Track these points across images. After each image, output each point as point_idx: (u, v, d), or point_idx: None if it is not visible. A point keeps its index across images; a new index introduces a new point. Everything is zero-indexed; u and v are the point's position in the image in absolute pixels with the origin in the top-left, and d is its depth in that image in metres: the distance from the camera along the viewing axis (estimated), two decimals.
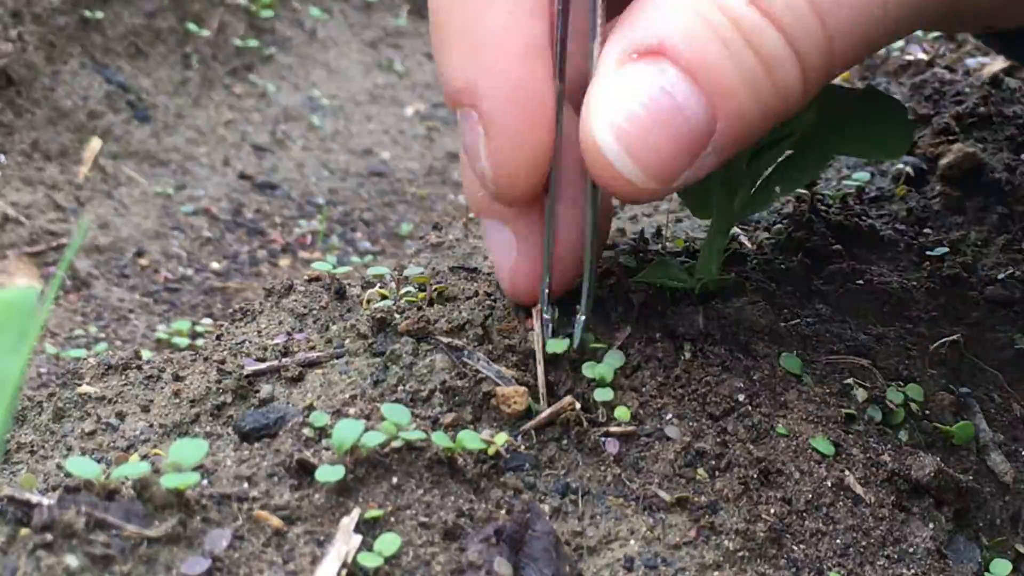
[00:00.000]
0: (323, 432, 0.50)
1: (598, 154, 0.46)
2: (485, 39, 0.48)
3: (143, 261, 1.41)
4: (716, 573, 0.48)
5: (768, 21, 0.45)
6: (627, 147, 0.46)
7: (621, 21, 0.48)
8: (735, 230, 0.76)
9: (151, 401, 0.58)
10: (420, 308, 0.59)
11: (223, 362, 0.59)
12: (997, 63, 0.99)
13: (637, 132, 0.46)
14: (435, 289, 0.60)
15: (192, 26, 1.84)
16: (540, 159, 0.50)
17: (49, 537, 0.42)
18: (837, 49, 0.46)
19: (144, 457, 0.54)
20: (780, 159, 0.62)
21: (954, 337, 0.65)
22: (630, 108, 0.45)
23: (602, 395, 0.53)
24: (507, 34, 0.48)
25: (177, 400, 0.57)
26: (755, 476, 0.52)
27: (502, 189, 0.51)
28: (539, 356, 0.54)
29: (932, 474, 0.55)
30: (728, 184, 0.60)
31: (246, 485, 0.46)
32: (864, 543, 0.52)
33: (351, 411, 0.51)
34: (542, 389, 0.53)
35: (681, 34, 0.45)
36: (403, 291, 0.61)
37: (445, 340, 0.56)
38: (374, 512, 0.46)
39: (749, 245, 0.74)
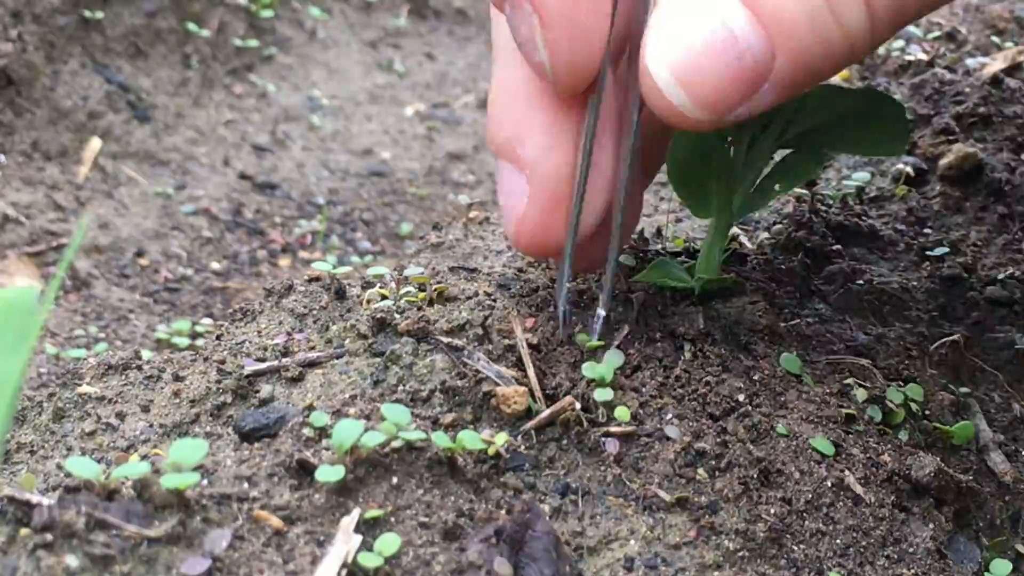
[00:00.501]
0: (323, 432, 0.50)
1: (651, 83, 0.47)
2: None
3: (143, 261, 1.41)
4: (716, 573, 0.48)
5: None
6: (680, 75, 0.46)
7: None
8: (735, 230, 0.76)
9: (151, 401, 0.58)
10: (420, 308, 0.59)
11: (223, 362, 0.59)
12: (997, 63, 0.99)
13: (691, 61, 0.46)
14: (435, 289, 0.60)
15: (192, 26, 1.84)
16: (598, 45, 0.49)
17: (49, 537, 0.42)
18: None
19: (144, 457, 0.54)
20: (780, 158, 0.62)
21: (954, 337, 0.65)
22: (687, 37, 0.46)
23: (602, 395, 0.53)
24: None
25: (177, 400, 0.57)
26: (755, 476, 0.52)
27: (560, 76, 0.50)
28: (524, 351, 0.54)
29: (932, 474, 0.55)
30: (727, 183, 0.60)
31: (246, 485, 0.46)
32: (864, 543, 0.52)
33: (351, 411, 0.51)
34: (533, 382, 0.53)
35: None
36: (403, 291, 0.61)
37: (445, 340, 0.56)
38: (374, 512, 0.46)
39: (749, 245, 0.74)
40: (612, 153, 0.53)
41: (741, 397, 0.55)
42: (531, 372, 0.54)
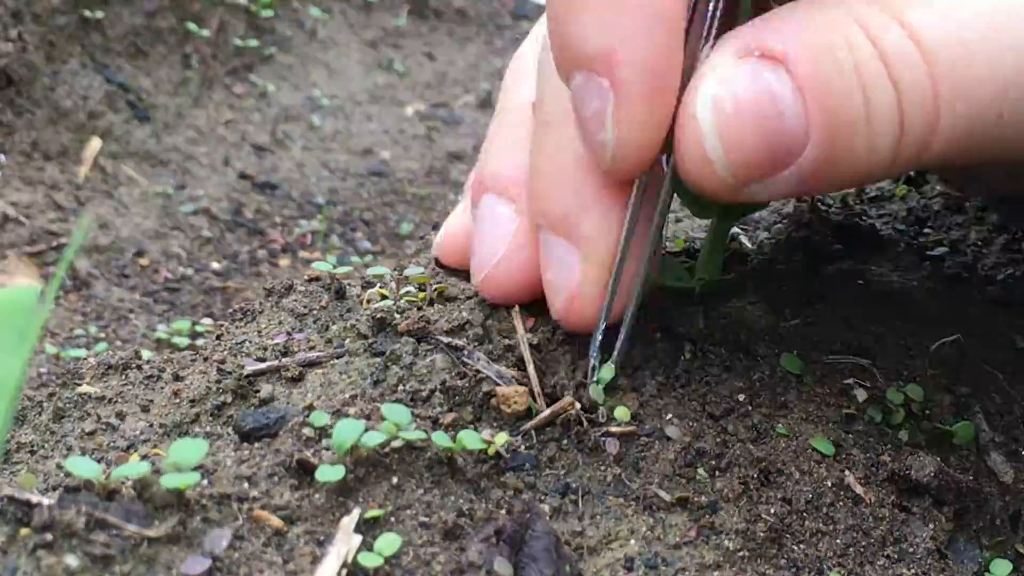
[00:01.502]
0: (323, 432, 0.50)
1: (693, 127, 0.47)
2: (628, 4, 0.47)
3: (143, 261, 1.42)
4: (716, 573, 0.48)
5: (885, 69, 0.46)
6: (721, 127, 0.46)
7: (747, 24, 0.48)
8: (735, 230, 0.76)
9: (151, 401, 0.58)
10: (420, 308, 0.59)
11: (223, 362, 0.59)
12: None
13: (734, 117, 0.46)
14: (435, 289, 0.60)
15: (192, 26, 1.84)
16: (661, 133, 0.49)
17: (49, 537, 0.42)
18: (942, 129, 0.47)
19: (144, 457, 0.54)
20: None
21: (954, 337, 0.65)
22: (737, 92, 0.46)
23: (602, 395, 0.53)
24: (651, 3, 0.47)
25: (177, 400, 0.57)
26: (755, 476, 0.52)
27: (621, 158, 0.49)
28: (526, 350, 0.54)
29: (932, 474, 0.55)
30: None
31: (246, 485, 0.46)
32: (864, 543, 0.52)
33: (351, 411, 0.51)
34: (534, 381, 0.53)
35: (807, 54, 0.46)
36: (403, 291, 0.61)
37: (445, 340, 0.56)
38: (374, 512, 0.46)
39: (749, 245, 0.74)
40: (647, 222, 0.53)
41: (741, 397, 0.55)
42: (532, 371, 0.54)
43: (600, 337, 0.53)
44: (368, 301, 0.62)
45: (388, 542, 0.45)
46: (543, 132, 0.54)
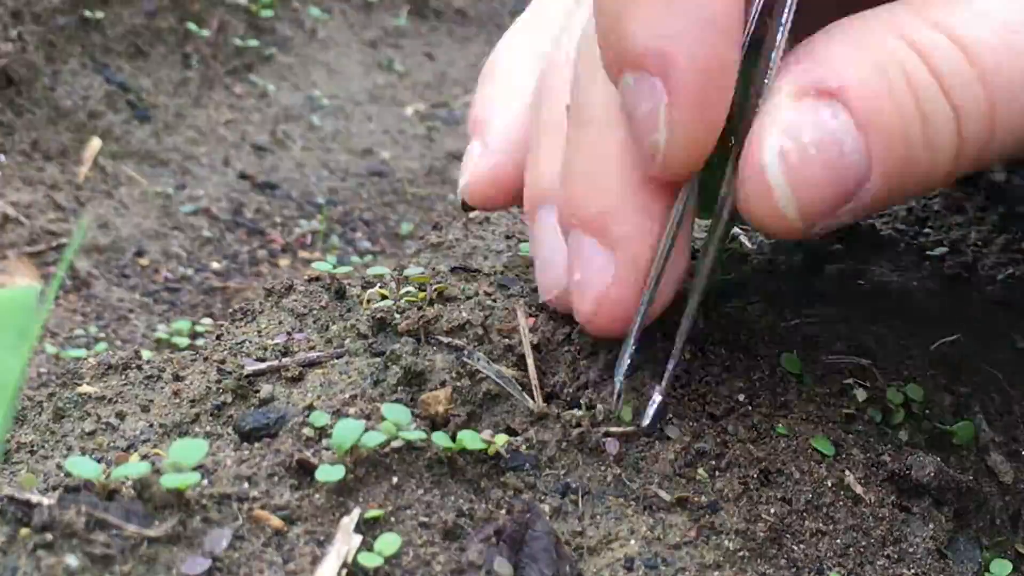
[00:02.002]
0: (323, 432, 0.50)
1: (761, 179, 0.47)
2: (683, 4, 0.46)
3: (143, 261, 1.41)
4: (716, 573, 0.48)
5: (939, 85, 0.46)
6: (790, 178, 0.46)
7: (800, 52, 0.48)
8: (735, 230, 0.76)
9: (151, 401, 0.58)
10: (420, 308, 0.59)
11: (223, 362, 0.59)
12: None
13: (802, 166, 0.46)
14: (435, 289, 0.60)
15: (192, 26, 1.84)
16: (714, 135, 0.49)
17: (49, 537, 0.42)
18: (999, 132, 0.47)
19: (144, 457, 0.54)
20: None
21: (954, 337, 0.65)
22: (801, 141, 0.46)
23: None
24: (707, 3, 0.47)
25: (177, 400, 0.57)
26: (755, 476, 0.52)
27: (672, 160, 0.49)
28: (528, 348, 0.54)
29: (932, 474, 0.55)
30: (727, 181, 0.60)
31: (246, 485, 0.46)
32: (864, 543, 0.52)
33: (351, 411, 0.51)
34: (534, 381, 0.53)
35: (862, 87, 0.46)
36: (403, 291, 0.61)
37: (445, 340, 0.56)
38: (374, 512, 0.46)
39: (749, 245, 0.74)
40: (689, 236, 0.53)
41: (741, 397, 0.55)
42: (532, 371, 0.54)
43: (632, 350, 0.52)
44: (368, 301, 0.62)
45: (388, 542, 0.45)
46: (580, 133, 0.53)
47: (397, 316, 0.58)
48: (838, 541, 0.51)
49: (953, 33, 0.46)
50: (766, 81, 0.48)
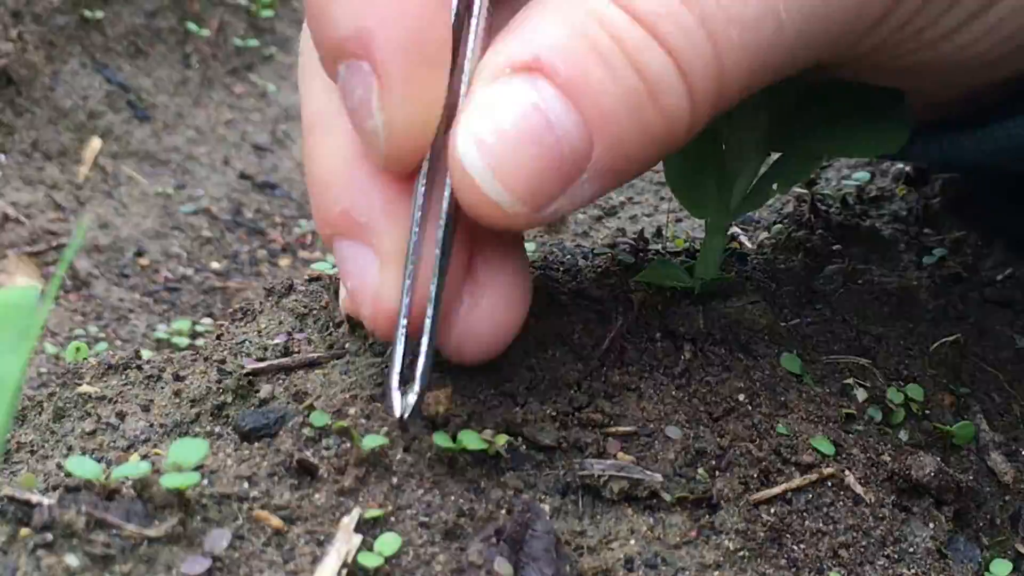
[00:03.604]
0: (323, 432, 0.50)
1: (462, 172, 0.43)
2: None
3: (143, 261, 1.41)
4: (716, 573, 0.48)
5: (655, 40, 0.43)
6: (492, 164, 0.43)
7: (501, 35, 0.45)
8: (735, 230, 0.76)
9: (151, 401, 0.58)
10: None
11: (223, 362, 0.59)
12: None
13: (503, 148, 0.43)
14: None
15: (192, 26, 1.84)
16: (433, 116, 0.46)
17: (49, 537, 0.42)
18: (729, 73, 0.44)
19: (144, 457, 0.54)
20: (777, 157, 0.62)
21: (954, 337, 0.65)
22: (498, 122, 0.43)
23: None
24: None
25: (177, 400, 0.57)
26: (755, 476, 0.52)
27: (394, 146, 0.46)
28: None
29: (932, 474, 0.55)
30: (723, 183, 0.60)
31: (246, 485, 0.46)
32: (864, 543, 0.52)
33: (351, 411, 0.51)
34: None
35: (559, 50, 0.42)
36: None
37: None
38: (374, 512, 0.46)
39: (749, 245, 0.74)
40: (448, 226, 0.48)
41: (741, 397, 0.55)
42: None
43: (401, 351, 0.47)
44: None
45: (388, 542, 0.45)
46: (310, 140, 0.50)
47: None
48: (838, 541, 0.51)
49: None
50: (468, 59, 0.45)
